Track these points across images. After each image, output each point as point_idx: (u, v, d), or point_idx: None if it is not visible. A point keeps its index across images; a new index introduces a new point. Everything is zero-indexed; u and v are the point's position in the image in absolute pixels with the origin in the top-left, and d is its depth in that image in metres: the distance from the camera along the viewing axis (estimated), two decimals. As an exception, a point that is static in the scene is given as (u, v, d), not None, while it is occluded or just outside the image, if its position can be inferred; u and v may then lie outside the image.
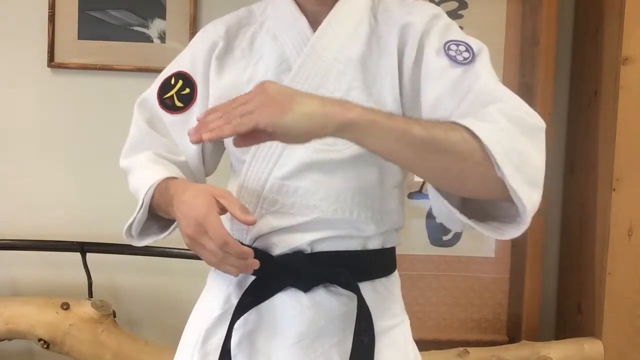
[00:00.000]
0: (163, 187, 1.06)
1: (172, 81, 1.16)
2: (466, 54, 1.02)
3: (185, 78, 1.15)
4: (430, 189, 1.02)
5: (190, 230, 0.96)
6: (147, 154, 1.14)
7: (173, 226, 1.10)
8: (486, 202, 0.99)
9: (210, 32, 1.15)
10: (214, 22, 1.18)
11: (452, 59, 1.01)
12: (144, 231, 1.12)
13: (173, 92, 1.15)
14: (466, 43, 1.04)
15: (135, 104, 1.19)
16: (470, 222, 0.97)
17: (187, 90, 1.14)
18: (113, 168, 1.26)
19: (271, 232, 1.05)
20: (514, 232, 0.96)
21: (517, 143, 0.91)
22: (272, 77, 1.07)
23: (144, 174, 1.10)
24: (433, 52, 1.03)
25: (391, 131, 0.89)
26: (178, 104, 1.15)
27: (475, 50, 1.03)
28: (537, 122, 0.96)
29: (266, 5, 1.16)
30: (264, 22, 1.14)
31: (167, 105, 1.15)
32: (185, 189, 1.02)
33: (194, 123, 1.13)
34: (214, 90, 1.12)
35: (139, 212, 1.08)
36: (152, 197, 1.07)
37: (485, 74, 1.01)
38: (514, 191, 0.89)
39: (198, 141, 0.91)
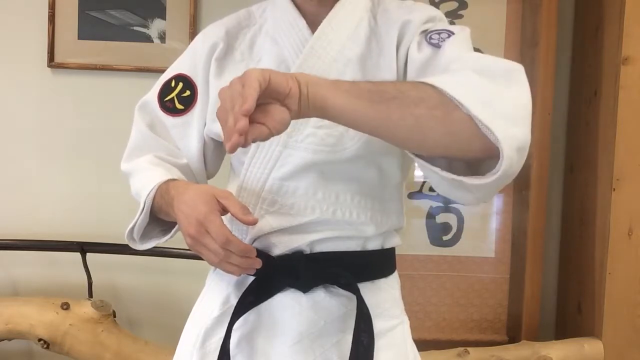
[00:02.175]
0: (164, 189, 1.06)
1: (173, 84, 1.16)
2: (449, 39, 1.02)
3: (185, 80, 1.15)
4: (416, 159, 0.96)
5: (192, 230, 0.96)
6: (148, 157, 1.14)
7: (175, 229, 1.10)
8: (473, 166, 0.93)
9: (210, 34, 1.15)
10: (214, 24, 1.18)
11: (435, 45, 1.01)
12: (145, 234, 1.12)
13: (174, 94, 1.15)
14: (448, 30, 1.03)
15: (136, 107, 1.19)
16: (455, 177, 0.89)
17: (188, 93, 1.14)
18: (113, 168, 1.26)
19: (270, 233, 1.05)
20: (499, 171, 0.85)
21: (485, 85, 0.87)
22: None
23: (145, 176, 1.10)
24: (416, 47, 1.03)
25: (337, 82, 0.88)
26: (179, 106, 1.15)
27: (455, 32, 1.03)
28: (509, 65, 0.92)
29: (265, 6, 1.16)
30: (263, 23, 1.14)
31: (168, 108, 1.15)
32: (185, 189, 1.02)
33: (195, 125, 1.13)
34: (214, 92, 1.12)
35: (140, 215, 1.08)
36: (154, 199, 1.07)
37: (450, 47, 0.99)
38: (481, 123, 0.83)
39: (234, 150, 0.83)
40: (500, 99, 0.87)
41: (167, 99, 1.15)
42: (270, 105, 0.84)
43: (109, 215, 2.11)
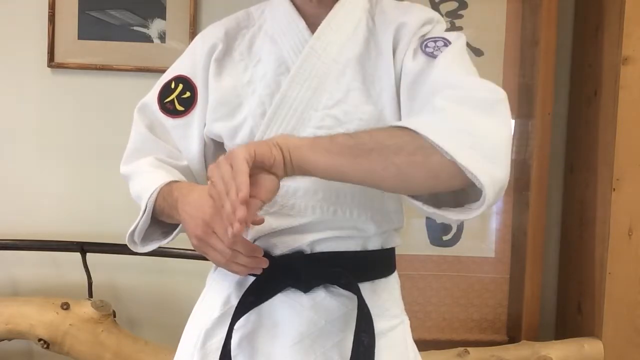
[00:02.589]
0: (166, 191, 1.06)
1: (172, 85, 1.15)
2: (444, 48, 1.02)
3: (185, 82, 1.15)
4: None
5: (198, 230, 0.96)
6: (148, 159, 1.14)
7: (176, 231, 1.10)
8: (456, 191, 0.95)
9: (209, 35, 1.15)
10: (213, 25, 1.18)
11: (430, 55, 1.01)
12: (146, 237, 1.12)
13: (174, 96, 1.15)
14: (444, 38, 1.03)
15: (135, 109, 1.19)
16: (437, 212, 0.93)
17: (188, 94, 1.14)
18: (113, 168, 1.26)
19: (271, 233, 1.05)
20: (479, 209, 0.90)
21: (465, 123, 0.89)
22: (270, 79, 1.08)
23: (145, 179, 1.10)
24: (411, 55, 1.03)
25: (316, 141, 0.91)
26: (179, 107, 1.14)
27: (451, 41, 1.03)
28: (492, 96, 0.93)
29: (264, 7, 1.16)
30: (262, 24, 1.14)
31: (168, 109, 1.15)
32: (190, 190, 1.02)
33: (195, 126, 1.13)
34: (213, 92, 1.12)
35: (141, 218, 1.07)
36: (155, 202, 1.06)
37: (441, 63, 0.99)
38: (465, 168, 0.85)
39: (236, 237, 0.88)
40: (482, 139, 0.88)
41: (167, 100, 1.15)
42: (258, 176, 0.87)
43: (109, 215, 2.11)
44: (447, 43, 1.02)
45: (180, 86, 1.15)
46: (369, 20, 1.10)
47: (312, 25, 1.09)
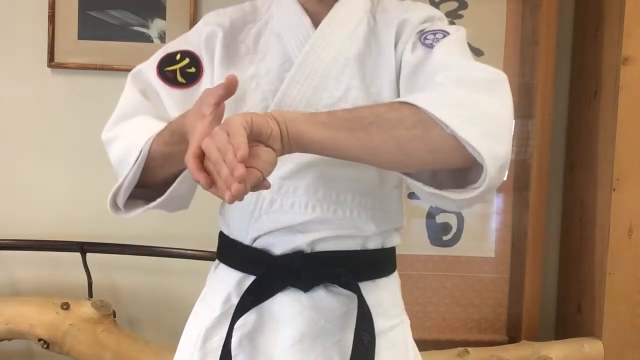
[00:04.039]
0: (167, 133, 0.99)
1: (178, 57, 1.12)
2: (443, 39, 1.02)
3: (192, 57, 1.12)
4: None
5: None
6: (141, 117, 1.08)
7: (168, 192, 1.04)
8: (457, 172, 0.94)
9: (214, 21, 1.13)
10: (217, 12, 1.15)
11: (429, 46, 1.01)
12: (129, 205, 1.07)
13: (177, 66, 1.11)
14: (443, 30, 1.03)
15: (129, 75, 1.14)
16: (437, 192, 0.92)
17: (193, 70, 1.12)
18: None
19: (271, 232, 1.04)
20: (481, 187, 0.88)
21: (466, 100, 0.88)
22: (275, 75, 1.07)
23: (138, 130, 1.04)
24: (410, 47, 1.03)
25: (314, 116, 0.89)
26: (180, 79, 1.11)
27: (450, 33, 1.03)
28: (492, 76, 0.93)
29: (271, 2, 1.16)
30: (268, 20, 1.13)
31: (168, 77, 1.11)
32: (187, 111, 0.94)
33: (192, 102, 1.07)
34: (218, 80, 1.08)
35: (132, 168, 1.02)
36: (152, 146, 1.00)
37: (440, 50, 0.99)
38: (466, 142, 0.85)
39: (234, 201, 0.80)
40: (482, 114, 0.88)
41: (168, 68, 1.12)
42: (256, 148, 0.84)
43: (109, 215, 2.08)
44: (446, 34, 1.03)
45: (187, 60, 1.12)
46: (370, 19, 1.10)
47: (317, 23, 1.08)
